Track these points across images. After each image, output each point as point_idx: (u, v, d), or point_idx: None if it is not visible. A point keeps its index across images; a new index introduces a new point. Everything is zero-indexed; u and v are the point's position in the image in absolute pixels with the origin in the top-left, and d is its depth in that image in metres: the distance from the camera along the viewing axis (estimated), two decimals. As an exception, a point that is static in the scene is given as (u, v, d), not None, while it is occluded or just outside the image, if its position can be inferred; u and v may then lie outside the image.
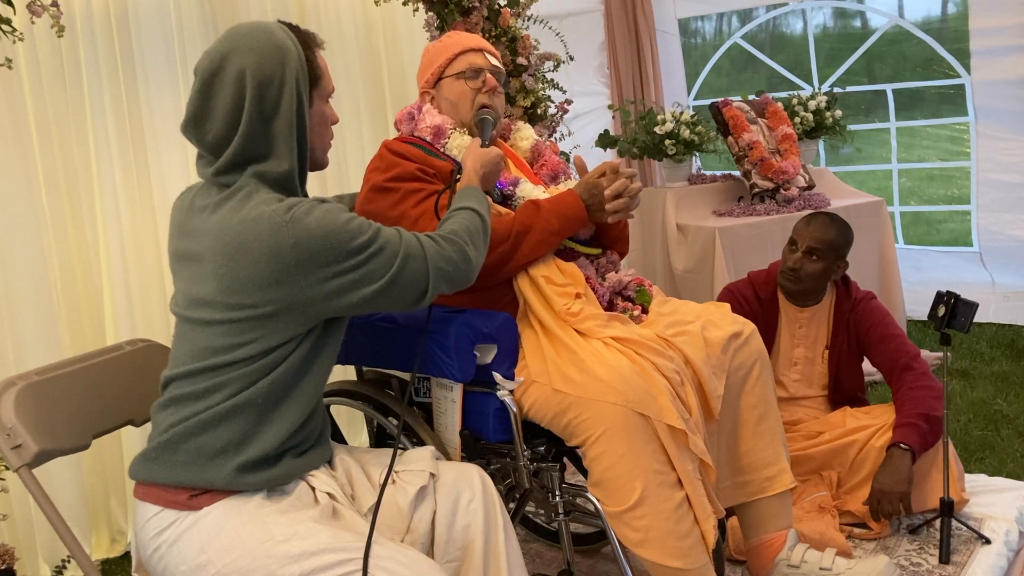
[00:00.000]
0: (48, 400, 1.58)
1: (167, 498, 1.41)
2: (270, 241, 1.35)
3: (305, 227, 1.36)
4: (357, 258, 1.40)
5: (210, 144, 1.44)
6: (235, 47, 1.42)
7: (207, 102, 1.43)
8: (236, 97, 1.41)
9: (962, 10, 4.66)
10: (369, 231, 1.43)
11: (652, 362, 1.76)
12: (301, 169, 1.49)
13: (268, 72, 1.41)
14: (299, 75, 1.44)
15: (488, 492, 1.58)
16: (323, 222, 1.37)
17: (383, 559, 1.36)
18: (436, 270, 1.50)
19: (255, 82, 1.40)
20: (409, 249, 1.47)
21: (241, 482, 1.41)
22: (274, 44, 1.43)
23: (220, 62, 1.42)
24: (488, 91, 2.04)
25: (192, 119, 1.45)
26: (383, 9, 3.34)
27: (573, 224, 1.90)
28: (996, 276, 4.71)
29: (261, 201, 1.39)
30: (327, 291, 1.40)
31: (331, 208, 1.41)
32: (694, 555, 1.72)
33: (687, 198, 3.90)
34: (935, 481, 2.34)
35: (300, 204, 1.38)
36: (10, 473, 1.70)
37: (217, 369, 1.41)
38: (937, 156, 7.17)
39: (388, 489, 1.53)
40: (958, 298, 2.28)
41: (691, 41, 5.91)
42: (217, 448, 1.41)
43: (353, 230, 1.40)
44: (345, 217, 1.41)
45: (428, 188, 1.90)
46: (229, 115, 1.42)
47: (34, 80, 2.52)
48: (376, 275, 1.43)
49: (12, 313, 2.47)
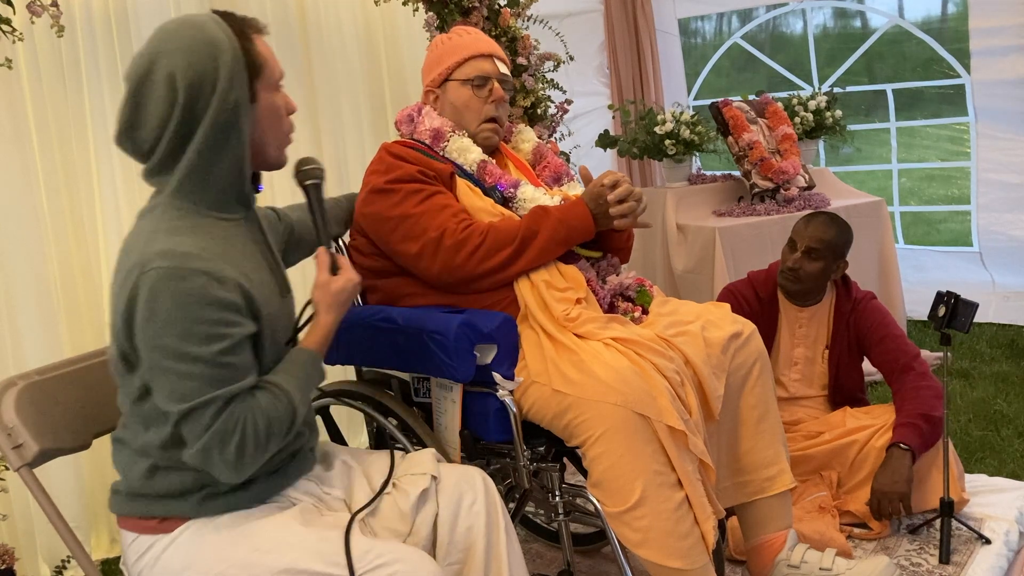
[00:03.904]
0: (48, 400, 1.58)
1: (141, 525, 1.42)
2: (124, 280, 1.30)
3: (156, 291, 1.27)
4: (180, 363, 1.28)
5: (147, 153, 1.37)
6: (163, 48, 1.33)
7: (138, 110, 1.35)
8: (168, 103, 1.32)
9: (962, 10, 4.66)
10: (217, 346, 1.29)
11: (652, 362, 1.76)
12: (238, 172, 1.40)
13: (199, 72, 1.32)
14: (234, 70, 1.34)
15: (490, 494, 1.57)
16: (176, 303, 1.27)
17: (367, 553, 1.35)
18: (214, 440, 1.31)
19: (186, 84, 1.31)
20: (234, 398, 1.33)
21: (212, 508, 1.40)
22: (204, 40, 1.33)
23: (148, 66, 1.33)
24: (494, 101, 2.04)
25: (125, 129, 1.37)
26: (383, 9, 3.34)
27: (580, 234, 1.90)
28: (996, 276, 4.71)
29: (148, 231, 1.33)
30: (148, 362, 1.31)
31: (198, 295, 1.28)
32: (694, 555, 1.72)
33: (687, 198, 3.90)
34: (935, 481, 2.34)
35: (172, 259, 1.28)
36: (10, 473, 1.70)
37: (138, 416, 1.40)
38: (937, 156, 7.18)
39: (391, 493, 1.53)
40: (958, 298, 2.28)
41: (691, 41, 5.91)
42: (180, 489, 1.40)
43: (199, 335, 1.28)
44: (204, 316, 1.28)
45: (428, 189, 1.89)
46: (163, 122, 1.33)
47: (34, 80, 2.52)
48: (177, 391, 1.30)
49: (12, 313, 2.47)
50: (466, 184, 1.97)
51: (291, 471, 1.49)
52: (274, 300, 1.46)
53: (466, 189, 1.96)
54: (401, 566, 1.34)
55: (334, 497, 1.52)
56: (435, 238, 1.84)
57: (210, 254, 1.32)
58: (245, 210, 1.47)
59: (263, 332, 1.40)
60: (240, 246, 1.42)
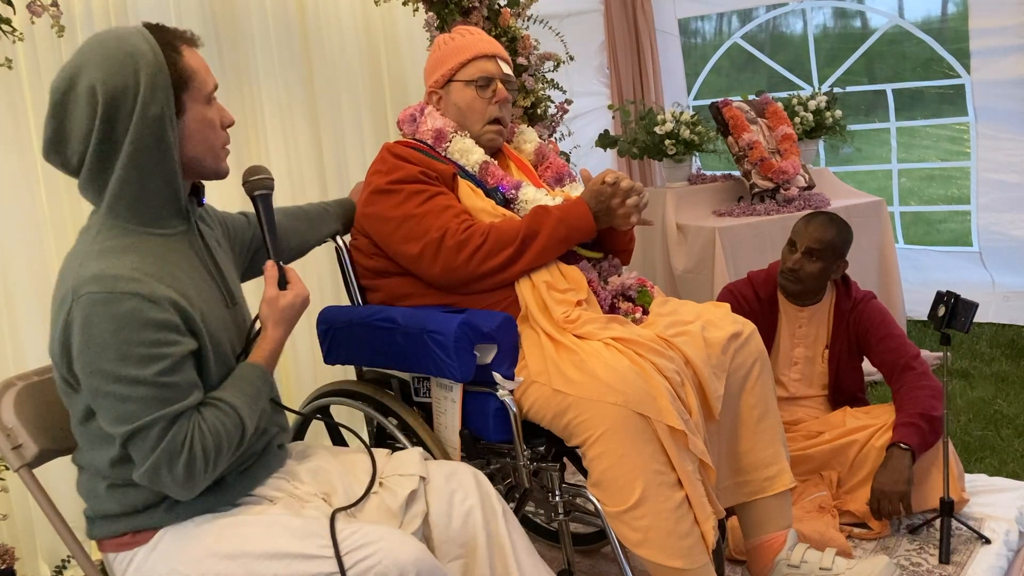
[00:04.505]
0: (48, 400, 1.58)
1: (117, 544, 1.43)
2: (60, 305, 1.30)
3: (89, 317, 1.26)
4: (119, 386, 1.27)
5: (76, 168, 1.36)
6: (85, 60, 1.32)
7: (62, 124, 1.33)
8: (90, 116, 1.30)
9: (962, 10, 4.66)
10: (156, 367, 1.28)
11: (652, 362, 1.76)
12: (170, 185, 1.38)
13: (119, 84, 1.30)
14: (157, 81, 1.32)
15: (481, 486, 1.58)
16: (110, 328, 1.26)
17: (351, 535, 1.36)
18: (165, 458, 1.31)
19: (106, 96, 1.30)
20: (179, 417, 1.32)
21: (182, 514, 1.41)
22: (124, 51, 1.31)
23: (71, 79, 1.32)
24: (498, 102, 2.04)
25: (50, 143, 1.35)
26: (383, 9, 3.34)
27: (581, 233, 1.90)
28: (996, 276, 4.71)
29: (82, 253, 1.33)
30: (88, 387, 1.30)
31: (131, 318, 1.27)
32: (694, 555, 1.72)
33: (687, 198, 3.90)
34: (935, 481, 2.34)
35: (103, 283, 1.27)
36: (10, 473, 1.70)
37: (86, 436, 1.40)
38: (937, 156, 7.17)
39: (379, 493, 1.54)
40: (958, 298, 2.28)
41: (691, 41, 5.91)
42: (143, 503, 1.40)
43: (136, 357, 1.27)
44: (140, 338, 1.27)
45: (431, 190, 1.90)
46: (87, 135, 1.32)
47: (34, 80, 2.52)
48: (121, 414, 1.29)
49: (12, 313, 2.48)
50: (468, 185, 1.97)
51: (260, 470, 1.49)
52: (218, 313, 1.44)
53: (468, 190, 1.96)
54: (383, 544, 1.35)
55: (307, 492, 1.51)
56: (436, 239, 1.84)
57: (141, 274, 1.31)
58: (184, 223, 1.45)
59: (205, 348, 1.38)
60: (177, 261, 1.41)
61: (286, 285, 1.51)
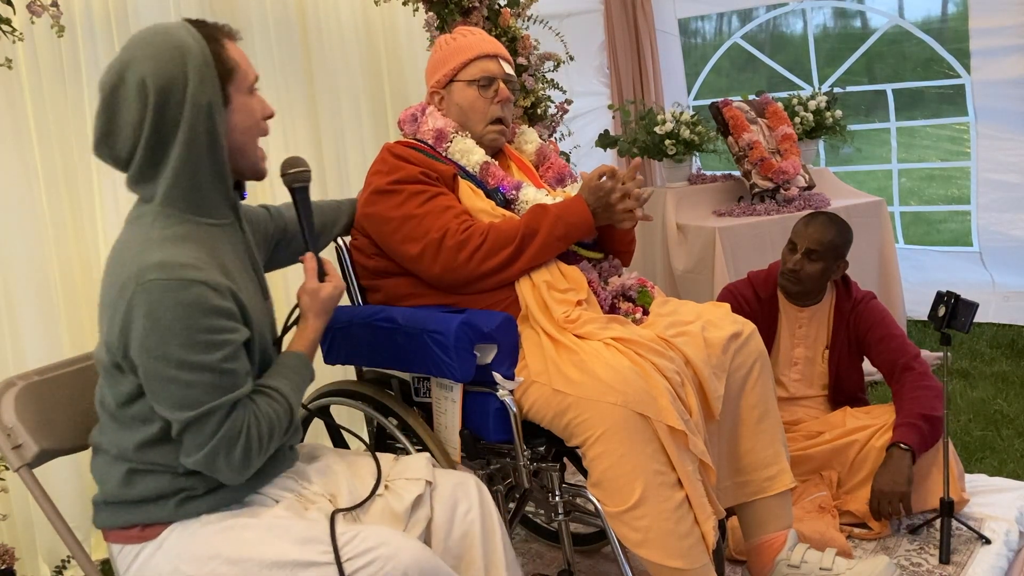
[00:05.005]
0: (48, 400, 1.58)
1: (123, 536, 1.43)
2: (120, 291, 1.31)
3: (156, 302, 1.28)
4: (183, 372, 1.30)
5: (126, 161, 1.38)
6: (133, 56, 1.34)
7: (113, 119, 1.36)
8: (140, 109, 1.34)
9: (962, 10, 4.66)
10: (219, 354, 1.31)
11: (652, 363, 1.76)
12: (220, 175, 1.41)
13: (169, 75, 1.33)
14: (205, 73, 1.35)
15: (485, 502, 1.58)
16: (178, 314, 1.28)
17: (353, 538, 1.36)
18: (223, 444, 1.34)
19: (156, 88, 1.32)
20: (236, 404, 1.35)
21: (191, 510, 1.41)
22: (172, 45, 1.34)
23: (120, 74, 1.34)
24: (500, 102, 2.04)
25: (102, 139, 1.38)
26: (383, 9, 3.34)
27: (579, 230, 1.90)
28: (996, 276, 4.71)
29: (140, 240, 1.34)
30: (150, 372, 1.31)
31: (198, 305, 1.29)
32: (694, 555, 1.72)
33: (687, 198, 3.90)
34: (935, 481, 2.34)
35: (170, 270, 1.29)
36: (10, 473, 1.70)
37: (120, 418, 1.40)
38: (937, 156, 7.17)
39: (384, 496, 1.54)
40: (958, 298, 2.28)
41: (691, 41, 5.91)
42: (157, 493, 1.40)
43: (202, 344, 1.30)
44: (206, 324, 1.29)
45: (431, 190, 1.89)
46: (138, 128, 1.35)
47: (34, 80, 2.52)
48: (183, 400, 1.31)
49: (12, 313, 2.48)
50: (468, 186, 1.96)
51: (269, 469, 1.50)
52: (259, 304, 1.48)
53: (468, 191, 1.95)
54: (385, 549, 1.35)
55: (314, 492, 1.51)
56: (437, 239, 1.84)
57: (203, 263, 1.34)
58: (232, 215, 1.48)
59: (253, 337, 1.41)
60: (227, 252, 1.44)
61: (324, 277, 1.56)
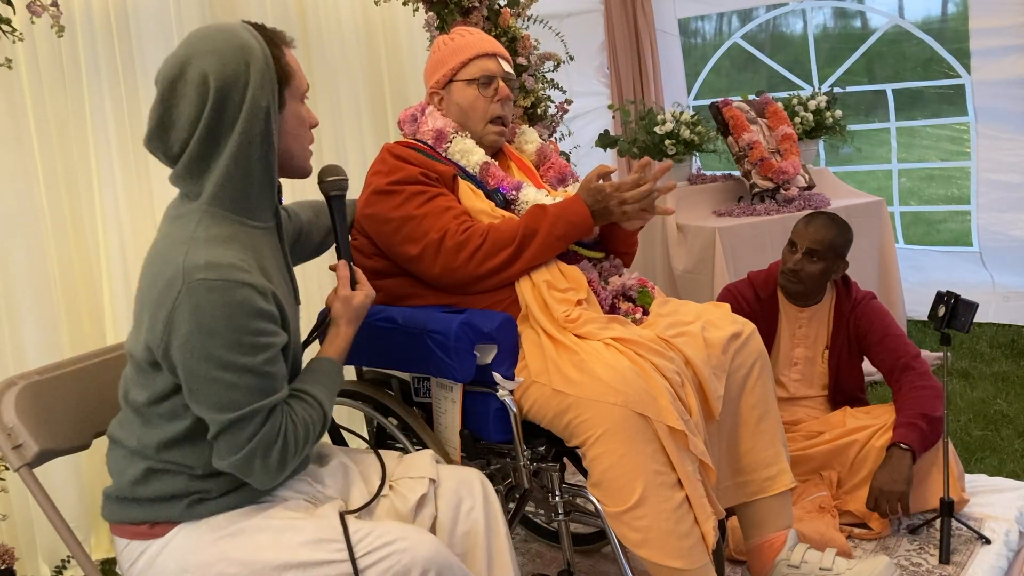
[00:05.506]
0: (48, 400, 1.58)
1: (131, 531, 1.42)
2: (165, 289, 1.30)
3: (203, 303, 1.27)
4: (227, 373, 1.29)
5: (177, 155, 1.37)
6: (195, 51, 1.34)
7: (170, 111, 1.35)
8: (199, 103, 1.33)
9: (962, 10, 4.66)
10: (262, 356, 1.31)
11: (652, 363, 1.76)
12: (269, 178, 1.41)
13: (231, 74, 1.33)
14: (265, 75, 1.36)
15: (489, 500, 1.58)
16: (225, 314, 1.27)
17: (367, 535, 1.36)
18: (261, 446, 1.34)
19: (217, 84, 1.32)
20: (275, 408, 1.35)
21: (201, 512, 1.41)
22: (236, 44, 1.35)
23: (180, 68, 1.34)
24: (500, 100, 2.04)
25: (156, 130, 1.37)
26: (383, 9, 3.34)
27: (578, 230, 1.90)
28: (996, 276, 4.71)
29: (185, 239, 1.32)
30: (193, 372, 1.30)
31: (245, 307, 1.29)
32: (694, 555, 1.72)
33: (687, 198, 3.90)
34: (935, 481, 2.34)
35: (217, 271, 1.28)
36: (10, 473, 1.70)
37: (146, 415, 1.40)
38: (937, 156, 7.17)
39: (388, 495, 1.54)
40: (958, 298, 2.28)
41: (691, 41, 5.91)
42: (171, 493, 1.40)
43: (246, 346, 1.29)
44: (251, 327, 1.29)
45: (431, 191, 1.89)
46: (194, 123, 1.34)
47: (34, 80, 2.52)
48: (224, 401, 1.31)
49: (12, 313, 2.47)
50: (468, 186, 1.96)
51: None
52: (292, 310, 1.48)
53: (468, 191, 1.95)
54: (402, 543, 1.35)
55: (327, 496, 1.52)
56: (436, 240, 1.84)
57: (249, 265, 1.33)
58: (274, 219, 1.49)
59: (288, 341, 1.42)
60: (268, 255, 1.43)
61: (355, 285, 1.57)
